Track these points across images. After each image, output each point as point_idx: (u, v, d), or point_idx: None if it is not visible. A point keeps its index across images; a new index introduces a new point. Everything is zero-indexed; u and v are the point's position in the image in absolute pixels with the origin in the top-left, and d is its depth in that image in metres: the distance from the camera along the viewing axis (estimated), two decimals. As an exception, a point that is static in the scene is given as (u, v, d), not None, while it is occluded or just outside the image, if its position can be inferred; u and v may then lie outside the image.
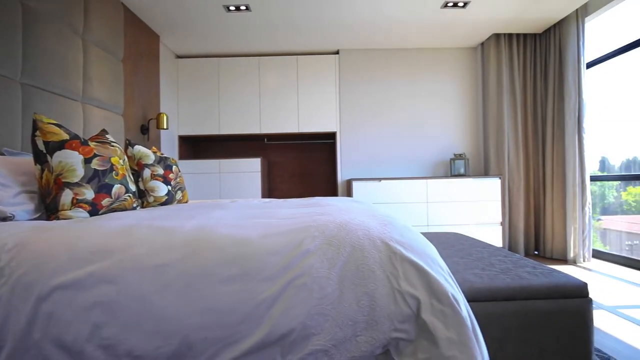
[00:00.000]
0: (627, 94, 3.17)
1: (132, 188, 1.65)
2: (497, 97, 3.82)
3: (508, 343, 1.22)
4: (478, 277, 1.32)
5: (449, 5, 3.15)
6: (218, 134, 4.09)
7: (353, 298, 0.88)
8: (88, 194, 1.40)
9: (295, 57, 4.11)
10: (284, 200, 2.04)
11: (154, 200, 2.01)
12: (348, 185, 3.79)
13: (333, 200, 1.75)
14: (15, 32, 1.85)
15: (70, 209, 1.35)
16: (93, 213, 1.41)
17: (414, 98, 4.14)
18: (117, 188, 1.52)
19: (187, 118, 4.09)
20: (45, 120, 1.41)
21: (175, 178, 2.22)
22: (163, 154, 2.30)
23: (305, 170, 4.56)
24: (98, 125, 2.50)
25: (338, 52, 4.15)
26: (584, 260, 3.34)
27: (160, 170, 2.10)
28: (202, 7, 3.09)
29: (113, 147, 1.63)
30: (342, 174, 4.09)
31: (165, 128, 3.26)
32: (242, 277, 0.90)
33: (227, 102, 4.09)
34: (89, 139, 1.59)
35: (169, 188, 2.11)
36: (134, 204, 1.66)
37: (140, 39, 3.27)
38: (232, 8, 3.12)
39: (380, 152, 4.12)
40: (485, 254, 1.67)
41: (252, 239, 0.96)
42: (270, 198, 3.73)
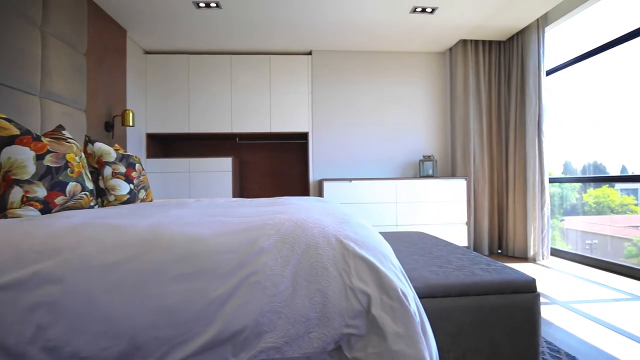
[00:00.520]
0: (586, 101, 3.35)
1: (89, 186, 1.60)
2: (464, 101, 3.95)
3: (461, 337, 1.27)
4: (434, 274, 1.36)
5: (418, 11, 3.23)
6: (188, 133, 4.01)
7: (306, 295, 0.89)
8: (40, 192, 1.34)
9: (268, 56, 4.09)
10: (251, 200, 2.03)
11: (115, 199, 1.95)
12: (319, 186, 3.81)
13: (297, 200, 1.76)
14: (-36, 20, 1.75)
15: (20, 207, 1.29)
16: (45, 211, 1.35)
17: (385, 100, 4.21)
18: (72, 186, 1.47)
19: (155, 115, 3.99)
20: (-6, 114, 1.34)
21: (139, 176, 2.16)
22: (126, 152, 2.23)
23: (278, 170, 4.55)
24: (57, 121, 2.39)
25: (311, 52, 4.16)
26: (543, 258, 3.50)
27: (122, 169, 2.04)
28: (170, 2, 3.03)
29: (69, 143, 1.58)
30: (313, 174, 4.10)
31: (131, 125, 3.17)
32: (194, 275, 0.89)
33: (197, 100, 4.02)
34: (43, 135, 1.53)
35: (132, 187, 2.06)
36: (92, 203, 1.61)
37: (105, 33, 3.17)
38: (202, 5, 3.07)
39: (352, 152, 4.17)
40: (445, 252, 1.72)
41: (206, 237, 0.95)
42: (245, 198, 3.69)
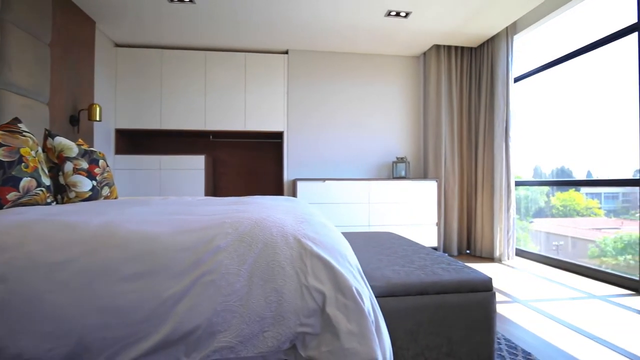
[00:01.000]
0: (554, 108, 3.49)
1: (45, 182, 1.54)
2: (436, 105, 4.04)
3: (420, 335, 1.30)
4: (396, 273, 1.39)
5: (392, 14, 3.28)
6: (159, 129, 3.91)
7: (261, 294, 0.89)
8: (-11, 187, 1.28)
9: (244, 54, 4.06)
10: (219, 199, 2.01)
11: (76, 196, 1.89)
12: (293, 185, 3.80)
13: (264, 199, 1.75)
14: None
15: (-33, 203, 1.23)
16: (-5, 208, 1.29)
17: (361, 102, 4.25)
18: (26, 181, 1.41)
19: (125, 111, 3.87)
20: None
21: (102, 173, 2.10)
22: (90, 147, 2.16)
23: (252, 169, 4.51)
24: (17, 114, 2.29)
25: (287, 52, 4.15)
26: (508, 259, 3.63)
27: (85, 164, 1.97)
28: (142, -5, 2.95)
29: (25, 137, 1.51)
30: (288, 174, 4.10)
31: (98, 120, 3.07)
32: (147, 274, 0.87)
33: (169, 95, 3.93)
34: (-4, 128, 1.46)
35: (94, 183, 1.99)
36: (49, 199, 1.55)
37: (72, 24, 3.05)
38: (175, -1, 3.01)
39: (327, 153, 4.18)
40: (410, 252, 1.76)
41: (161, 236, 0.93)
42: (215, 197, 3.65)
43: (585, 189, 3.29)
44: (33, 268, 0.86)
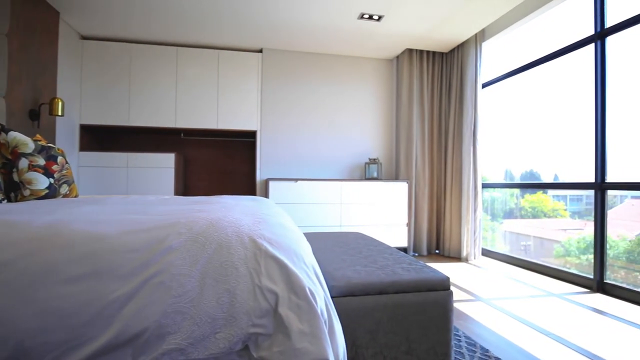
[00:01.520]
0: (524, 113, 3.61)
1: (-5, 179, 1.46)
2: (408, 108, 4.11)
3: (379, 334, 1.32)
4: (357, 273, 1.40)
5: (365, 17, 3.32)
6: (127, 126, 3.79)
7: (213, 295, 0.88)
8: None
9: (217, 51, 3.99)
10: (184, 198, 1.97)
11: (31, 194, 1.80)
12: (266, 185, 3.78)
13: (228, 199, 1.73)
14: None
15: None
16: (-64, 206, 1.22)
17: (335, 103, 4.27)
18: (-29, 178, 1.34)
19: (91, 106, 3.73)
20: None
21: (61, 170, 2.01)
22: (49, 143, 2.07)
23: (225, 168, 4.45)
24: (-32, 106, 2.17)
25: (262, 50, 4.12)
26: (474, 258, 3.74)
27: (41, 161, 1.89)
28: (109, -14, 2.86)
29: (-28, 131, 1.43)
30: (261, 174, 4.07)
31: (60, 115, 2.94)
32: (92, 275, 0.84)
33: (139, 91, 3.82)
34: (-61, 121, 1.37)
35: (51, 181, 1.91)
36: (-2, 197, 1.47)
37: (33, 13, 2.91)
38: (144, -8, 2.93)
39: (300, 153, 4.18)
40: (374, 252, 1.78)
41: (109, 236, 0.90)
42: (182, 196, 3.59)
43: (552, 192, 3.43)
44: (-32, 269, 0.81)
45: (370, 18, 3.33)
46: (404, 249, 3.91)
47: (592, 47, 2.77)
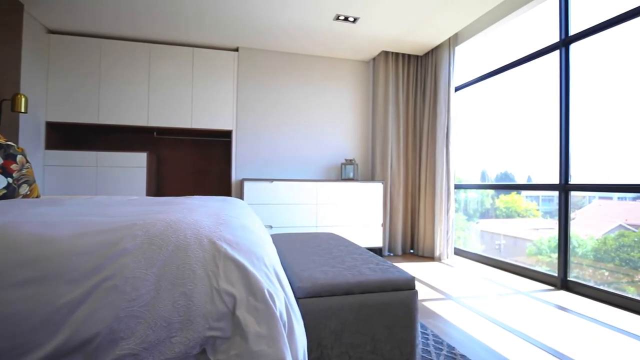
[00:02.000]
0: (500, 116, 3.70)
1: (-56, 178, 1.39)
2: (384, 109, 4.16)
3: (344, 334, 1.32)
4: (324, 274, 1.41)
5: (341, 19, 3.33)
6: (97, 124, 3.67)
7: (169, 298, 0.87)
8: None
9: (192, 49, 3.92)
10: (151, 198, 1.92)
11: (-14, 194, 1.72)
12: (241, 185, 3.74)
13: (195, 199, 1.70)
14: None
15: None
16: None
17: (312, 103, 4.28)
18: None
19: (59, 103, 3.60)
20: None
21: (21, 169, 1.93)
22: (7, 141, 1.98)
23: (200, 168, 4.38)
24: None
25: (238, 49, 4.08)
26: (447, 257, 3.82)
27: (-1, 160, 1.81)
28: (76, -21, 2.76)
29: None
30: (236, 174, 4.02)
31: (23, 111, 2.82)
32: (40, 280, 0.81)
33: (109, 89, 3.71)
34: None
35: (10, 180, 1.83)
36: (-53, 198, 1.40)
37: (-6, 5, 2.78)
38: (113, -14, 2.85)
39: (277, 153, 4.16)
40: (344, 253, 1.79)
41: (59, 238, 0.87)
42: (153, 197, 3.51)
43: (526, 193, 3.54)
44: None
45: (346, 20, 3.35)
46: (379, 249, 3.95)
47: (557, 53, 2.88)
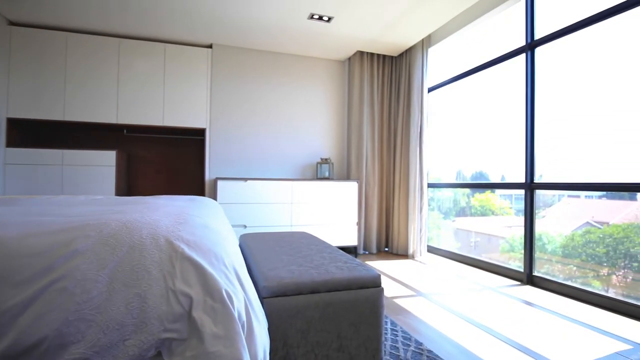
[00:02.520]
0: (470, 116, 3.79)
1: None
2: (359, 109, 4.19)
3: (310, 332, 1.33)
4: (291, 272, 1.40)
5: (315, 18, 3.33)
6: (63, 120, 3.53)
7: (122, 300, 0.84)
8: None
9: (164, 44, 3.83)
10: (113, 198, 1.87)
11: None
12: (215, 185, 3.69)
13: (159, 199, 1.67)
14: None
15: None
16: None
17: (287, 102, 4.26)
18: None
19: (21, 98, 3.44)
20: None
21: (-26, 168, 1.84)
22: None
23: (173, 167, 4.29)
24: None
25: (211, 46, 4.01)
26: (420, 255, 3.89)
27: (-51, 158, 1.71)
28: (38, -30, 2.65)
29: None
30: (210, 173, 3.96)
31: (-19, 107, 2.69)
32: (-18, 283, 0.78)
33: (75, 84, 3.57)
34: None
35: (-39, 179, 1.74)
36: None
37: (-52, -6, 2.63)
38: (79, -22, 2.75)
39: (252, 152, 4.12)
40: (314, 251, 1.79)
41: (7, 239, 0.84)
42: (126, 197, 3.42)
43: (500, 191, 3.64)
44: None
45: (320, 19, 3.35)
46: (355, 248, 3.98)
47: (524, 56, 2.98)
